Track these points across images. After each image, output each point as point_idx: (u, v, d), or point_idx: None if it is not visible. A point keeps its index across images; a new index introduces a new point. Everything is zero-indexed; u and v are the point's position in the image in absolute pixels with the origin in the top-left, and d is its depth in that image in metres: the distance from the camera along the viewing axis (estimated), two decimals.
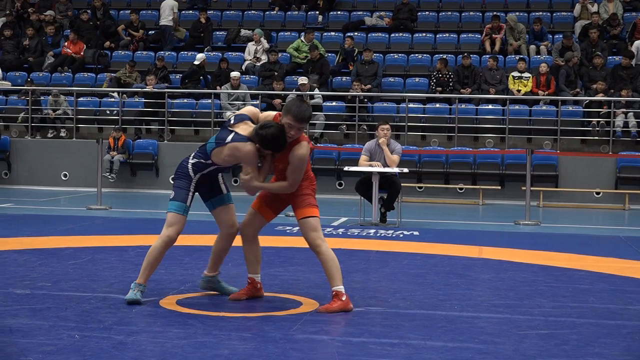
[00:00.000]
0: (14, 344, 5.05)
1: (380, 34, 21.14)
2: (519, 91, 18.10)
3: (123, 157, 17.52)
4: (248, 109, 6.37)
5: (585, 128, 17.58)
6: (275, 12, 22.32)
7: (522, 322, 5.97)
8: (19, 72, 20.63)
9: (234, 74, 18.42)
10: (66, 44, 20.91)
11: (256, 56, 20.13)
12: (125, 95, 18.98)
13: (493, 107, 18.16)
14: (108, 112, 18.97)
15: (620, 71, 18.02)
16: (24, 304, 6.20)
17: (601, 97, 17.54)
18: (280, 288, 7.02)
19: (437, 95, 18.21)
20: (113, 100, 19.05)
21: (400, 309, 6.34)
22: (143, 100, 18.88)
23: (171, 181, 6.36)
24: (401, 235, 11.08)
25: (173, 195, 6.30)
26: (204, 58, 19.28)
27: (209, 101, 18.41)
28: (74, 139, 18.50)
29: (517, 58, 18.82)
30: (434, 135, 17.92)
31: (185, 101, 19.04)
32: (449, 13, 21.86)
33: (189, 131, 18.87)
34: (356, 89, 18.04)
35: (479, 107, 18.12)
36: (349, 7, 22.60)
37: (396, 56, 20.23)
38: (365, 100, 18.27)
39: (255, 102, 18.11)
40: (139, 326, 5.63)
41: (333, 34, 21.33)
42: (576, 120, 17.68)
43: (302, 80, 18.04)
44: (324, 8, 22.04)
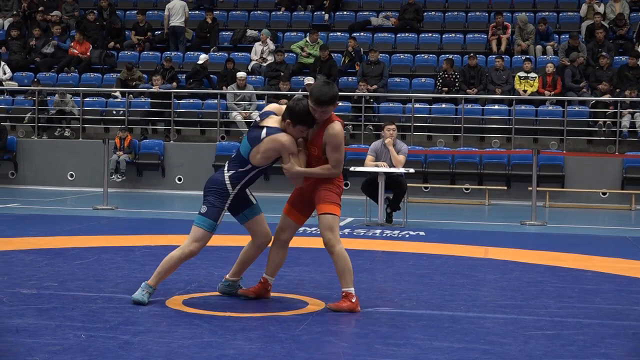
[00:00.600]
0: (20, 344, 5.06)
1: (386, 34, 21.15)
2: (525, 91, 18.08)
3: (129, 157, 17.54)
4: (271, 105, 6.38)
5: (592, 128, 17.56)
6: (281, 12, 22.34)
7: (529, 323, 5.96)
8: (25, 72, 20.67)
9: (240, 74, 18.43)
10: (72, 44, 20.94)
11: (262, 56, 20.15)
12: (131, 96, 19.01)
13: (499, 107, 18.15)
14: (114, 113, 19.00)
15: (626, 71, 17.99)
16: (30, 304, 6.21)
17: (607, 97, 17.51)
18: (287, 288, 7.02)
19: (443, 95, 18.20)
20: (119, 100, 19.07)
21: (406, 309, 6.34)
22: (149, 100, 18.90)
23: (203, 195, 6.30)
24: (407, 236, 11.08)
25: (205, 210, 6.19)
26: (207, 58, 19.31)
27: (215, 101, 18.43)
28: (80, 139, 18.53)
29: (523, 58, 18.80)
30: (440, 136, 17.91)
31: (192, 101, 19.06)
32: (455, 13, 21.85)
33: (195, 131, 18.88)
34: (362, 89, 18.05)
35: (485, 108, 18.11)
36: (355, 8, 22.61)
37: (402, 56, 20.22)
38: (372, 100, 18.26)
39: (261, 103, 18.13)
40: (145, 326, 5.63)
41: (339, 34, 21.33)
42: (582, 120, 17.66)
43: (309, 80, 18.04)
44: (330, 8, 22.05)
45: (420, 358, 5.00)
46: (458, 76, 18.37)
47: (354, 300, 6.15)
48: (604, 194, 16.38)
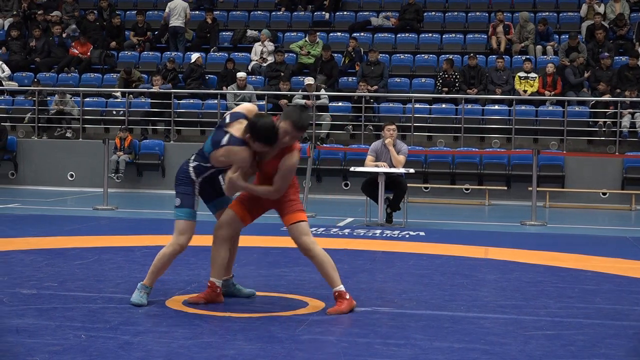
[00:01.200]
0: (20, 344, 5.06)
1: (386, 34, 21.15)
2: (525, 91, 18.09)
3: (129, 158, 17.54)
4: (244, 105, 6.26)
5: (592, 128, 17.56)
6: (281, 12, 22.34)
7: (529, 323, 5.96)
8: (25, 73, 20.67)
9: (240, 74, 18.44)
10: (74, 45, 20.95)
11: (262, 57, 20.15)
12: (131, 96, 19.01)
13: (499, 108, 18.15)
14: (114, 113, 19.00)
15: (626, 71, 17.99)
16: (30, 304, 6.21)
17: (608, 97, 17.51)
18: (286, 288, 7.02)
19: (443, 95, 18.20)
20: (119, 100, 19.08)
21: (406, 309, 6.34)
22: (149, 100, 18.90)
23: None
24: (407, 236, 11.07)
25: (179, 202, 6.22)
26: (199, 56, 19.36)
27: (215, 101, 18.43)
28: (80, 139, 18.53)
29: (523, 58, 18.81)
30: (440, 136, 17.91)
31: (192, 102, 19.07)
32: (455, 13, 21.85)
33: (195, 131, 18.88)
34: (362, 89, 18.05)
35: (485, 108, 18.11)
36: (355, 8, 22.60)
37: (402, 56, 20.22)
38: (372, 100, 18.26)
39: (261, 103, 18.13)
40: (145, 326, 5.64)
41: (339, 34, 21.33)
42: (582, 120, 17.65)
43: (309, 80, 18.05)
44: (330, 8, 22.06)
45: (420, 358, 5.00)
46: (458, 76, 18.37)
47: (348, 297, 6.15)
48: (604, 194, 16.38)
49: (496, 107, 18.19)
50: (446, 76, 18.37)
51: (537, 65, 19.16)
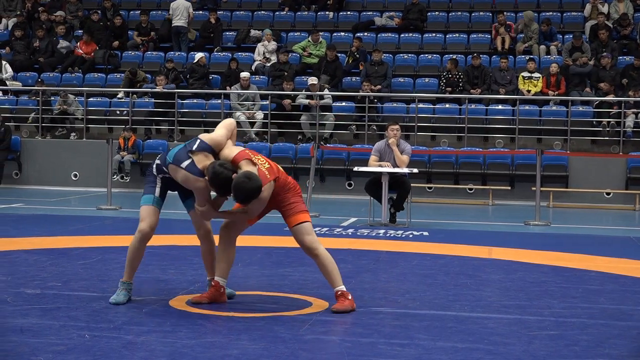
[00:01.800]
0: (24, 344, 5.07)
1: (390, 34, 21.13)
2: (529, 91, 18.07)
3: (133, 158, 17.56)
4: (213, 139, 6.12)
5: (596, 128, 17.55)
6: (285, 12, 22.34)
7: (532, 323, 5.96)
8: (29, 73, 20.69)
9: (244, 74, 18.44)
10: (78, 45, 20.97)
11: (266, 56, 20.15)
12: (135, 96, 19.02)
13: (503, 108, 18.14)
14: (118, 113, 19.01)
15: (630, 71, 17.96)
16: (34, 304, 6.21)
17: (612, 97, 17.49)
18: (290, 288, 7.02)
19: (446, 95, 18.19)
20: (123, 100, 19.09)
21: (410, 309, 6.34)
22: (153, 100, 18.92)
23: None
24: (411, 236, 11.07)
25: (143, 192, 6.36)
26: (202, 56, 19.36)
27: (219, 101, 18.43)
28: (84, 139, 18.55)
29: (527, 58, 18.80)
30: (443, 136, 17.90)
31: (195, 101, 19.07)
32: (459, 13, 21.83)
33: (199, 131, 18.76)
34: (366, 89, 18.04)
35: (489, 108, 18.10)
36: (358, 8, 22.59)
37: (406, 56, 20.21)
38: (375, 100, 18.26)
39: (264, 103, 18.14)
40: (148, 326, 5.64)
41: (343, 34, 21.33)
42: (586, 120, 17.64)
43: (312, 80, 18.05)
44: (334, 8, 22.05)
45: (424, 358, 5.00)
46: (462, 76, 18.36)
47: (350, 297, 6.17)
48: (608, 194, 16.36)
49: (500, 107, 18.17)
50: (450, 76, 18.36)
51: (540, 65, 19.14)
